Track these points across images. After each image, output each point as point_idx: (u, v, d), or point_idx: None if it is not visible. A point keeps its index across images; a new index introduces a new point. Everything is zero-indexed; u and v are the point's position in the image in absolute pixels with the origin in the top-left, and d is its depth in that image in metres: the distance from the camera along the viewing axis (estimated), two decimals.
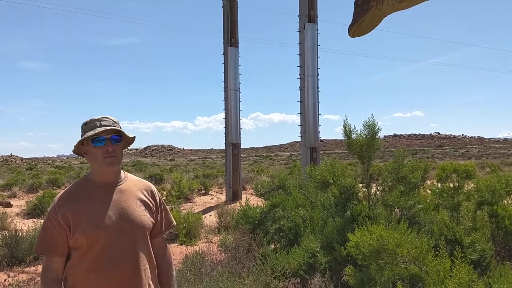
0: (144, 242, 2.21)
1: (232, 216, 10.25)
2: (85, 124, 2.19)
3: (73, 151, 2.23)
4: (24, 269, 7.29)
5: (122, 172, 2.29)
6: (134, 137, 2.27)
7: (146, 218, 2.23)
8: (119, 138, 2.19)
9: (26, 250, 7.66)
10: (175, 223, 2.51)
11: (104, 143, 2.13)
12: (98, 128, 2.12)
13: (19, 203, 16.73)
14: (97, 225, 2.07)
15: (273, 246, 5.91)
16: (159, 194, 2.42)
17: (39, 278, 6.49)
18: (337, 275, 4.67)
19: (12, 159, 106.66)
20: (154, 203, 2.32)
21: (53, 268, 2.10)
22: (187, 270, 4.63)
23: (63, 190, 2.22)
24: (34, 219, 12.48)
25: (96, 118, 2.19)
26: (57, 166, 57.74)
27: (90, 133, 2.11)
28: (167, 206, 2.47)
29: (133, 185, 2.28)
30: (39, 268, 7.33)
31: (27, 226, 10.01)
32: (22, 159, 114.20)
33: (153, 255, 2.28)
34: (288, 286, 4.18)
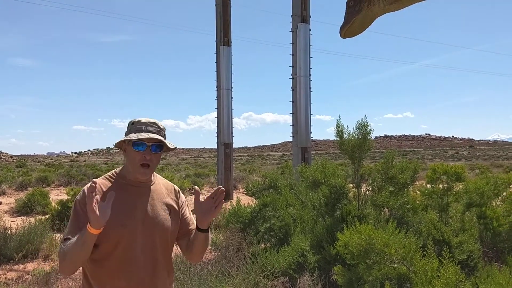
0: (163, 246, 2.19)
1: (223, 216, 10.24)
2: (132, 123, 2.16)
3: (115, 145, 2.19)
4: (12, 267, 7.23)
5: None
6: (176, 148, 2.25)
7: (169, 222, 2.20)
8: (160, 147, 2.16)
9: (15, 247, 7.60)
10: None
11: (144, 149, 2.10)
12: (143, 133, 2.09)
13: (8, 201, 16.59)
14: (123, 224, 2.05)
15: (263, 245, 5.93)
16: (183, 194, 2.41)
17: (27, 276, 6.46)
18: (326, 274, 4.69)
19: (2, 156, 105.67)
20: (180, 206, 2.31)
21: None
22: (176, 269, 4.63)
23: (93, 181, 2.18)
24: (23, 217, 12.39)
25: (144, 121, 2.16)
26: (47, 164, 57.34)
27: (134, 136, 2.08)
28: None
29: (161, 188, 2.27)
30: (28, 266, 7.28)
31: (16, 223, 9.93)
32: (11, 156, 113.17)
33: (171, 259, 2.26)
34: (277, 285, 4.20)
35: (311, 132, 15.75)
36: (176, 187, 2.37)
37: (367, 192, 5.78)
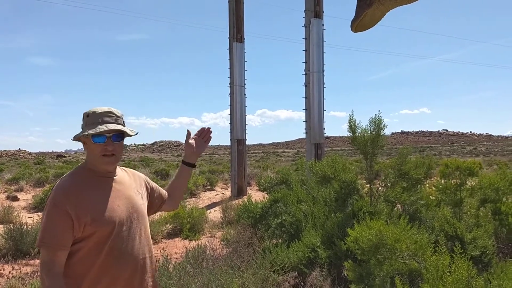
0: (146, 230, 2.24)
1: (236, 212, 10.27)
2: (87, 115, 2.11)
3: (73, 139, 2.15)
4: (28, 261, 7.36)
5: None
6: (137, 133, 2.21)
7: (144, 207, 2.27)
8: (121, 135, 2.13)
9: (31, 243, 7.73)
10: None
11: (104, 140, 2.07)
12: (100, 126, 2.04)
13: (25, 197, 16.87)
14: (110, 215, 2.05)
15: (274, 241, 5.92)
16: (145, 177, 2.45)
17: None
18: (337, 269, 4.67)
19: (21, 154, 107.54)
20: (145, 189, 2.37)
21: (57, 262, 1.99)
22: (187, 263, 4.65)
23: (63, 179, 2.12)
24: (39, 213, 12.59)
25: (99, 111, 2.10)
26: (65, 161, 58.13)
27: (91, 131, 2.04)
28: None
29: (127, 175, 2.29)
30: None
31: (32, 219, 10.11)
32: (30, 153, 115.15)
33: (151, 243, 2.30)
34: (287, 280, 4.19)
35: (324, 128, 15.66)
36: (140, 174, 2.43)
37: (380, 188, 5.73)
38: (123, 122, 2.18)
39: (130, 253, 2.10)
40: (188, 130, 2.49)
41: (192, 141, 2.51)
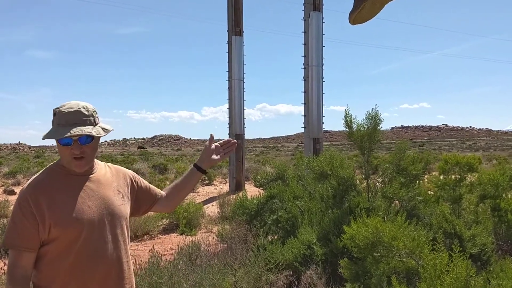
0: (123, 233, 2.09)
1: (232, 207, 10.18)
2: (54, 114, 1.95)
3: (42, 138, 1.98)
4: None
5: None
6: (112, 130, 2.05)
7: (124, 207, 2.11)
8: (91, 136, 1.95)
9: None
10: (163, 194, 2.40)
11: (71, 143, 1.91)
12: (65, 131, 1.88)
13: None
14: (78, 217, 1.91)
15: (270, 238, 5.83)
16: (133, 174, 2.29)
17: None
18: (333, 267, 4.58)
19: (20, 147, 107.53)
20: (130, 188, 2.21)
21: (22, 265, 1.88)
22: (180, 260, 4.56)
23: (34, 178, 2.01)
24: None
25: (65, 111, 1.92)
26: None
27: (54, 134, 1.90)
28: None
29: (108, 173, 2.13)
30: None
31: None
32: (30, 147, 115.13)
33: (128, 247, 2.15)
34: (280, 279, 4.10)
35: (323, 123, 15.55)
36: (127, 171, 2.26)
37: (377, 184, 5.63)
38: (94, 120, 1.99)
39: (102, 257, 1.96)
40: (211, 134, 2.39)
41: (213, 146, 2.40)
